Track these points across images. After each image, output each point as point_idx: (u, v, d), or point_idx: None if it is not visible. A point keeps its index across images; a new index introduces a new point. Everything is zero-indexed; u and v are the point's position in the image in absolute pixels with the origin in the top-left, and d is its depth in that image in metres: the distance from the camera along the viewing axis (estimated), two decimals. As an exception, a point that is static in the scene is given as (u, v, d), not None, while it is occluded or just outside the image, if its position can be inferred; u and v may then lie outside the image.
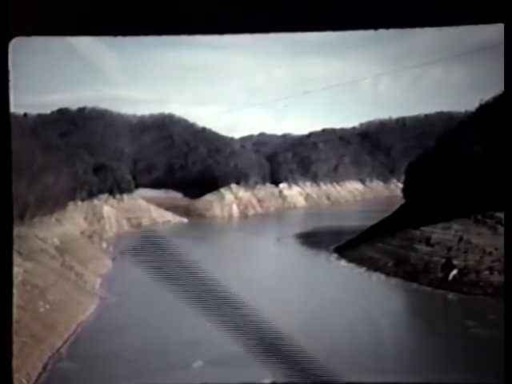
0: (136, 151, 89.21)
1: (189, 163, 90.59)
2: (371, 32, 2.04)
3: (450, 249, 41.77)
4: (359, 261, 45.88)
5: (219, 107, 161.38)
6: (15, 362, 1.88)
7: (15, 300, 1.95)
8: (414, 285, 39.29)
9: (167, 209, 76.36)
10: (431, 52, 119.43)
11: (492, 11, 1.92)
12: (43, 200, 45.06)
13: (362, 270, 43.96)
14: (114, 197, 70.46)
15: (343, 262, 46.90)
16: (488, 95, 51.08)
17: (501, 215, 37.63)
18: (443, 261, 40.52)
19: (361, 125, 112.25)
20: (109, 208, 67.90)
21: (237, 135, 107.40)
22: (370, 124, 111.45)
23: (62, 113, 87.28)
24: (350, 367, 21.99)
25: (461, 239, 42.30)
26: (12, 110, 1.91)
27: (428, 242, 43.81)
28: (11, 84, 1.87)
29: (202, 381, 23.11)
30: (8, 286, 1.86)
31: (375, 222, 53.83)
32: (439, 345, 27.40)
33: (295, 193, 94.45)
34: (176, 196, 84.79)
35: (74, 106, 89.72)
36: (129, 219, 69.87)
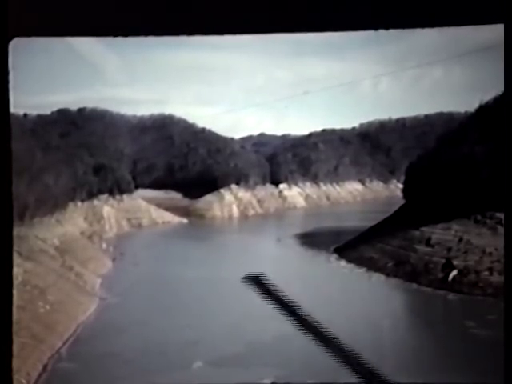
0: (136, 152, 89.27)
1: (189, 164, 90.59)
2: (371, 32, 2.04)
3: (449, 249, 41.76)
4: (359, 261, 45.87)
5: (219, 108, 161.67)
6: (15, 363, 1.88)
7: (15, 300, 1.95)
8: (414, 285, 39.28)
9: (167, 209, 76.37)
10: (431, 52, 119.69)
11: (492, 11, 1.92)
12: (43, 200, 45.06)
13: (362, 270, 43.95)
14: (113, 197, 70.49)
15: (343, 263, 46.89)
16: (488, 95, 51.24)
17: (501, 215, 37.63)
18: (443, 261, 40.51)
19: (361, 125, 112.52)
20: (109, 208, 67.92)
21: (237, 136, 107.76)
22: (369, 124, 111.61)
23: (62, 113, 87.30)
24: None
25: (461, 240, 42.29)
26: (12, 110, 1.91)
27: (428, 242, 43.80)
28: (11, 84, 1.87)
29: (202, 381, 23.11)
30: (8, 286, 1.86)
31: (375, 222, 53.84)
32: (439, 345, 27.39)
33: (295, 193, 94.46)
34: (176, 196, 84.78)
35: (74, 107, 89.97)
36: (129, 220, 69.92)
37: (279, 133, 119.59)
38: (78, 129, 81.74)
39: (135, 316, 31.73)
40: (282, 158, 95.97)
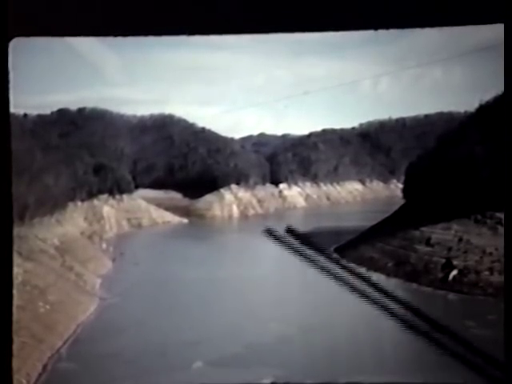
0: (136, 151, 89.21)
1: (189, 163, 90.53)
2: (371, 32, 2.04)
3: (450, 249, 41.75)
4: (359, 261, 45.78)
5: (219, 107, 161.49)
6: (15, 363, 1.88)
7: (15, 300, 1.95)
8: (414, 285, 39.26)
9: (167, 209, 76.37)
10: (431, 52, 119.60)
11: (492, 11, 1.92)
12: (43, 200, 45.05)
13: (362, 270, 43.89)
14: (113, 197, 70.46)
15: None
16: (488, 95, 51.16)
17: (501, 215, 37.62)
18: (443, 261, 40.50)
19: (361, 125, 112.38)
20: (109, 208, 67.90)
21: (237, 135, 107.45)
22: (369, 124, 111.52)
23: (62, 113, 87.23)
24: (350, 367, 21.99)
25: (461, 239, 42.29)
26: (12, 110, 1.91)
27: (428, 242, 43.80)
28: (11, 84, 1.87)
29: (202, 381, 23.12)
30: (8, 286, 1.86)
31: (375, 222, 53.81)
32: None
33: (295, 193, 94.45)
34: (176, 196, 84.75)
35: (73, 107, 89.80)
36: (129, 220, 69.91)
37: (279, 133, 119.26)
38: (78, 129, 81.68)
39: (135, 316, 31.73)
40: (282, 158, 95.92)
